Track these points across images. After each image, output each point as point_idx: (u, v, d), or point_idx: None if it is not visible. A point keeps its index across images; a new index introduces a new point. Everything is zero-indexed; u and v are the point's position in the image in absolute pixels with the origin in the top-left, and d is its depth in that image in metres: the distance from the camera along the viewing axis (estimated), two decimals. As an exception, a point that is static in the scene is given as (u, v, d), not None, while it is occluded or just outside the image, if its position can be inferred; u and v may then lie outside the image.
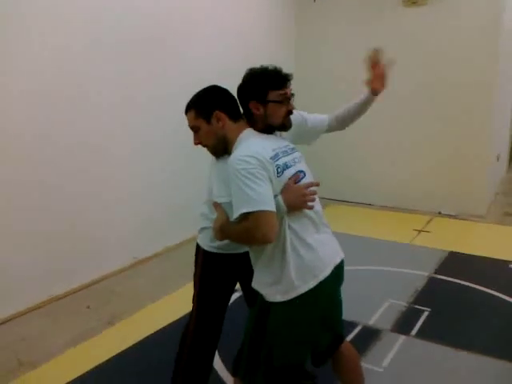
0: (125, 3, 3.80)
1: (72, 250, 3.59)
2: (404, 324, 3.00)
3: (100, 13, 3.60)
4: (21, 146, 3.19)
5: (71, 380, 2.51)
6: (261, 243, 1.58)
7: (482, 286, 3.51)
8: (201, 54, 4.62)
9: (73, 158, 3.53)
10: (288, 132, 1.83)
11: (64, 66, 3.40)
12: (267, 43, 5.58)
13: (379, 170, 5.85)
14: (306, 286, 1.61)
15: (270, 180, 1.56)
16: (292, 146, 1.79)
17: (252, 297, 1.86)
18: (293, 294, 1.61)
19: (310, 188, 1.65)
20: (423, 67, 5.35)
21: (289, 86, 1.74)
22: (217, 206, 1.70)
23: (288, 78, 1.74)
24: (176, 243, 4.51)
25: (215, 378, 2.40)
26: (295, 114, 1.85)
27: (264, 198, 1.49)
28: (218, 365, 2.52)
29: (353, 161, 6.02)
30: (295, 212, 1.62)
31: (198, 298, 2.03)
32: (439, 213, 5.48)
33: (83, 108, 3.57)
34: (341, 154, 5.98)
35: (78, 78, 3.50)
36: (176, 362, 2.09)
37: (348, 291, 1.92)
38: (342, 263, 1.77)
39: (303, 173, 1.70)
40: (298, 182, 1.65)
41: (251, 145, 1.62)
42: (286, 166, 1.64)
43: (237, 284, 2.09)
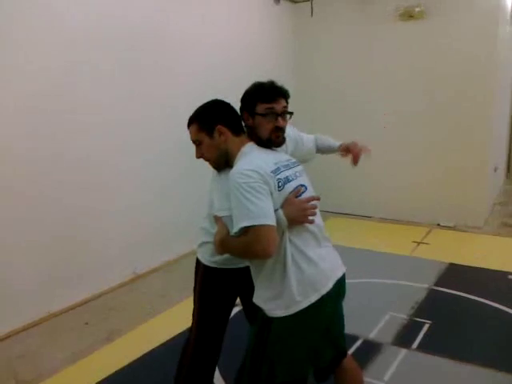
0: (128, 15, 3.84)
1: (71, 265, 3.57)
2: (405, 337, 2.98)
3: (101, 24, 3.63)
4: (19, 157, 3.19)
5: (70, 398, 2.48)
6: (261, 257, 1.57)
7: (482, 298, 3.50)
8: (204, 68, 4.66)
9: (72, 172, 3.52)
10: (287, 147, 1.84)
11: (65, 79, 3.42)
12: (268, 58, 5.63)
13: (378, 182, 5.86)
14: (308, 300, 1.59)
15: (271, 194, 1.55)
16: (294, 159, 1.79)
17: (252, 312, 1.84)
18: (294, 309, 1.59)
19: (311, 202, 1.65)
20: (421, 81, 5.39)
21: (280, 102, 1.71)
22: (218, 219, 1.70)
23: (280, 93, 1.72)
24: (175, 258, 4.49)
25: (216, 394, 2.37)
26: (292, 131, 1.85)
27: (264, 212, 1.49)
28: (219, 381, 2.49)
29: (352, 174, 5.99)
30: (296, 226, 1.61)
31: (198, 314, 2.02)
32: (438, 224, 5.49)
33: (84, 121, 3.58)
34: (340, 167, 5.94)
35: (77, 89, 3.52)
36: (176, 379, 2.07)
37: (348, 304, 1.91)
38: (343, 277, 1.77)
39: (304, 187, 1.69)
40: (299, 196, 1.65)
41: (253, 159, 1.62)
42: (288, 180, 1.64)
43: (237, 299, 2.08)
